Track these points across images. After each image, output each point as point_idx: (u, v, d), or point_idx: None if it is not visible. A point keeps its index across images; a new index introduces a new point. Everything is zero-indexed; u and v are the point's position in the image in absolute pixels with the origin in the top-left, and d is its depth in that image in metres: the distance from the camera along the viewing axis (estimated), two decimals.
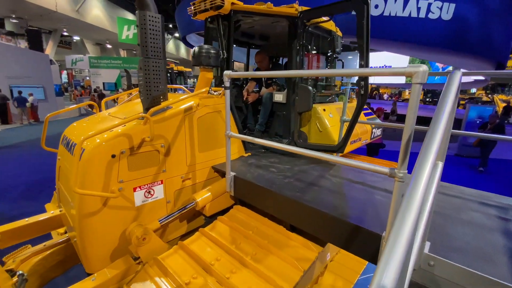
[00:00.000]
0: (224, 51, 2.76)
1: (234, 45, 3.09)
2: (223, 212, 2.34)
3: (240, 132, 2.80)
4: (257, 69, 4.03)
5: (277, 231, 1.99)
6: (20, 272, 2.03)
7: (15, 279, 2.02)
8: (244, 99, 3.62)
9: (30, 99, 12.80)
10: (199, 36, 14.60)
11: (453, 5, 8.18)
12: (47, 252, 2.54)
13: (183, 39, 17.90)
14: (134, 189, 1.96)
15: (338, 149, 2.71)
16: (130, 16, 22.92)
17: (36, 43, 15.34)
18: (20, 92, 12.48)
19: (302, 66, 2.94)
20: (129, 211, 1.96)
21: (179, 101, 2.17)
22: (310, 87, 2.81)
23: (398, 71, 1.17)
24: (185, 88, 4.38)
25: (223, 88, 2.22)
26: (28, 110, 12.91)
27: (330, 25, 3.34)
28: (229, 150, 2.17)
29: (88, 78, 24.78)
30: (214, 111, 2.48)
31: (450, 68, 17.62)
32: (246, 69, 4.74)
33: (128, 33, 19.74)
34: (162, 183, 2.12)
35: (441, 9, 8.20)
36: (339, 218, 1.57)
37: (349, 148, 3.38)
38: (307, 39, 2.95)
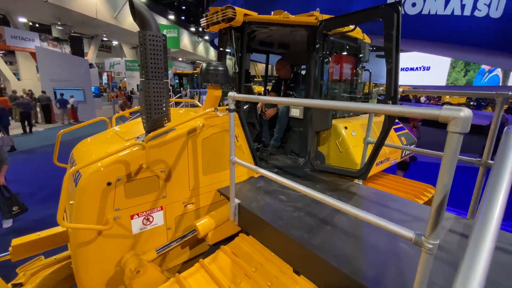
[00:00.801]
0: (236, 65, 2.59)
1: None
2: (229, 237, 2.18)
3: (252, 151, 2.62)
4: (277, 77, 3.82)
5: (283, 271, 1.76)
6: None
7: None
8: (259, 113, 3.42)
9: (70, 100, 13.86)
10: None
11: (503, 1, 7.20)
12: (57, 266, 2.58)
13: (211, 42, 18.25)
14: (132, 217, 1.86)
15: (360, 175, 2.41)
16: (163, 21, 23.93)
17: (77, 49, 16.61)
18: (62, 94, 13.57)
19: (321, 78, 2.67)
20: (125, 239, 1.87)
21: (183, 123, 2.04)
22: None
23: (430, 114, 0.89)
24: (198, 103, 4.31)
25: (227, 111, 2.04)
26: (69, 111, 13.99)
27: (357, 33, 3.02)
28: (233, 176, 1.99)
29: (124, 80, 26.35)
30: (222, 130, 2.32)
31: (499, 70, 15.74)
32: (266, 76, 4.53)
33: None
34: (162, 209, 2.00)
35: (489, 5, 7.26)
36: (351, 278, 1.31)
37: (375, 170, 3.02)
38: (328, 49, 2.67)
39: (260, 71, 20.59)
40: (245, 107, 3.18)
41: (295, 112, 2.95)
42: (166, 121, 1.97)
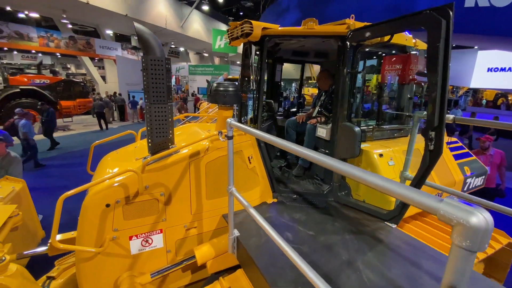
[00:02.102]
0: (254, 82, 2.43)
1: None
2: (234, 267, 2.04)
3: (269, 174, 2.42)
4: (318, 89, 3.49)
5: None
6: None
7: None
8: (300, 121, 3.15)
9: (140, 102, 15.75)
10: None
11: None
12: None
13: None
14: (130, 238, 1.89)
15: (389, 218, 1.97)
16: (223, 27, 25.23)
17: None
18: (133, 96, 15.55)
19: (352, 96, 2.28)
20: (124, 258, 1.90)
21: (187, 146, 1.98)
22: (356, 128, 2.14)
23: (425, 204, 0.58)
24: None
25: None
26: (138, 111, 15.93)
27: (405, 39, 2.51)
28: (231, 206, 1.84)
29: (187, 83, 28.81)
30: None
31: None
32: (300, 85, 4.22)
33: (220, 43, 21.79)
34: (161, 232, 1.99)
35: None
36: None
37: (414, 209, 2.46)
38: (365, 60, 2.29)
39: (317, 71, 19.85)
40: (264, 125, 2.98)
41: (321, 132, 2.62)
42: (170, 145, 1.95)
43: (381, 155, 2.32)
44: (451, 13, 1.49)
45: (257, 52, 2.51)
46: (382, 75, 2.91)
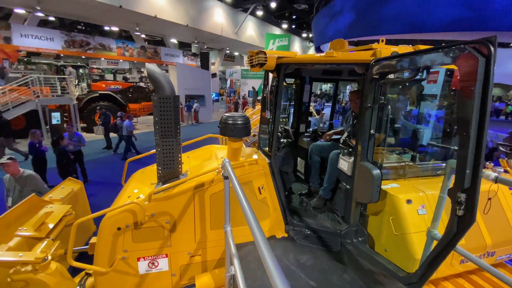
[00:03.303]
0: (269, 110, 2.36)
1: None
2: None
3: (282, 205, 2.33)
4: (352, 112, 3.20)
5: None
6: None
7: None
8: (325, 140, 2.96)
9: (194, 105, 17.02)
10: None
11: None
12: None
13: (317, 49, 17.79)
14: (138, 259, 2.04)
15: (408, 283, 1.68)
16: (277, 31, 25.38)
17: (205, 62, 20.19)
18: (189, 100, 16.86)
19: (375, 130, 2.01)
20: (133, 277, 2.07)
21: (193, 178, 2.04)
22: (375, 171, 1.87)
23: None
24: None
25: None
26: (193, 114, 17.23)
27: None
28: (228, 245, 1.82)
29: (239, 86, 29.92)
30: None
31: None
32: (334, 103, 3.90)
33: (273, 47, 22.02)
34: (167, 256, 2.09)
35: None
36: None
37: (453, 270, 2.04)
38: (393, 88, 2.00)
39: None
40: (280, 153, 2.84)
41: (343, 165, 2.39)
42: (176, 175, 2.04)
43: (409, 201, 1.98)
44: (492, 49, 1.18)
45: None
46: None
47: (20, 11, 14.34)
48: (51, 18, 18.07)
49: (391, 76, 1.87)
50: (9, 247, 2.50)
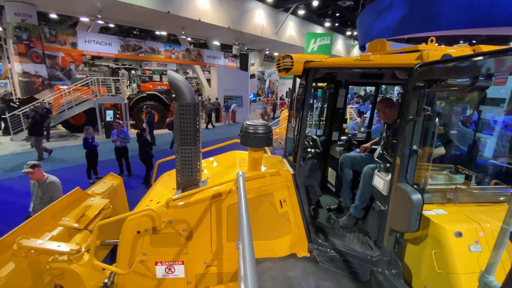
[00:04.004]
0: (295, 118, 2.19)
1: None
2: None
3: (306, 220, 2.15)
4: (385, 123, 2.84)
5: None
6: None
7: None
8: (362, 152, 2.68)
9: (232, 106, 17.39)
10: None
11: None
12: None
13: (362, 48, 16.70)
14: (156, 263, 2.06)
15: None
16: (318, 30, 24.58)
17: (244, 64, 20.50)
18: (226, 100, 17.29)
19: (420, 145, 1.71)
20: (151, 280, 2.10)
21: (210, 187, 1.99)
22: (415, 196, 1.59)
23: None
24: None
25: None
26: (230, 114, 17.62)
27: None
28: (241, 263, 1.72)
29: (277, 86, 29.75)
30: (258, 195, 2.06)
31: None
32: (373, 109, 3.52)
33: (314, 46, 21.41)
34: (183, 263, 2.08)
35: None
36: None
37: None
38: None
39: None
40: (305, 164, 2.62)
41: (378, 183, 2.11)
42: (195, 183, 2.00)
43: (459, 233, 1.64)
44: None
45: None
46: None
47: (84, 19, 16.26)
48: (111, 25, 20.15)
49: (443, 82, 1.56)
50: (52, 235, 2.75)
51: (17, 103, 13.16)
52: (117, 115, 13.64)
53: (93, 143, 7.18)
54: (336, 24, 24.01)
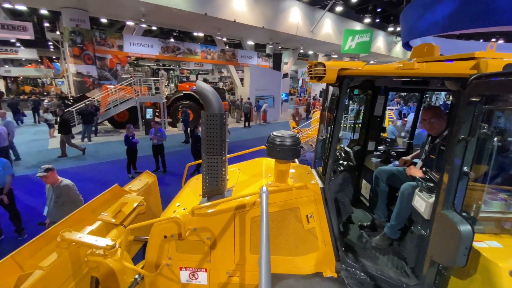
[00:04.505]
0: (325, 127, 2.06)
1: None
2: None
3: (334, 237, 2.02)
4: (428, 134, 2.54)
5: None
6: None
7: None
8: (405, 167, 2.44)
9: (264, 106, 17.38)
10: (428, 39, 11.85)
11: None
12: None
13: (406, 45, 15.46)
14: (180, 268, 2.11)
15: None
16: (357, 26, 23.41)
17: (277, 63, 20.34)
18: (258, 100, 17.33)
19: (473, 166, 1.48)
20: (176, 284, 2.15)
21: (237, 198, 1.96)
22: (464, 228, 1.37)
23: None
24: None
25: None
26: (261, 114, 17.65)
27: None
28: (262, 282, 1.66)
29: (310, 86, 29.01)
30: (283, 209, 1.98)
31: None
32: (416, 118, 3.16)
33: (351, 44, 20.53)
34: (206, 271, 2.09)
35: None
36: None
37: None
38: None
39: None
40: (335, 178, 2.44)
41: (419, 204, 1.89)
42: (220, 193, 2.00)
43: None
44: None
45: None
46: None
47: (130, 23, 17.50)
48: (154, 28, 21.44)
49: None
50: (92, 229, 2.98)
51: (71, 101, 14.70)
52: (156, 113, 14.51)
53: (133, 140, 7.69)
54: (377, 20, 22.58)
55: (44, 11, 16.42)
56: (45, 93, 24.27)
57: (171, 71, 17.30)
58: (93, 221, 3.11)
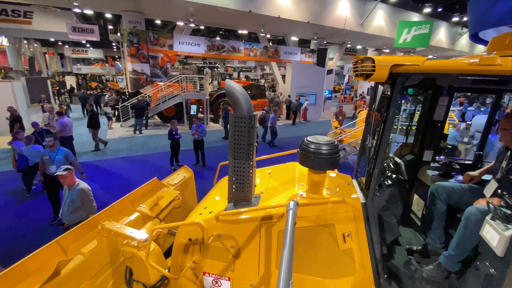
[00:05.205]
0: (371, 134, 1.77)
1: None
2: None
3: (376, 262, 1.75)
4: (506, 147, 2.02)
5: None
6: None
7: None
8: (472, 184, 2.02)
9: (304, 103, 16.83)
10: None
11: None
12: None
13: (473, 37, 13.35)
14: (204, 273, 2.04)
15: None
16: (414, 17, 21.11)
17: (321, 58, 19.47)
18: (299, 98, 16.84)
19: None
20: None
21: (264, 208, 1.81)
22: None
23: None
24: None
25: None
26: (302, 112, 17.13)
27: None
28: None
29: (357, 83, 27.19)
30: (315, 224, 1.76)
31: None
32: (489, 125, 2.54)
33: (407, 37, 18.63)
34: (229, 280, 1.99)
35: None
36: None
37: None
38: None
39: None
40: (380, 195, 2.06)
41: (490, 236, 1.49)
42: (247, 200, 1.86)
43: None
44: None
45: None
46: None
47: (180, 23, 18.49)
48: (202, 27, 22.36)
49: None
50: (129, 220, 3.13)
51: (127, 96, 16.19)
52: (200, 109, 15.15)
53: (176, 135, 8.08)
54: (439, 9, 20.01)
55: (108, 15, 18.35)
56: (107, 89, 27.33)
57: (215, 69, 17.81)
58: (132, 212, 3.27)
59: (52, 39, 25.27)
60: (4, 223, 3.36)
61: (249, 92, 16.22)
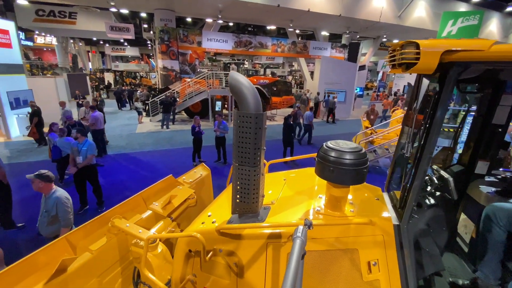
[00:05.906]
0: (410, 141, 1.40)
1: None
2: None
3: None
4: None
5: None
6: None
7: None
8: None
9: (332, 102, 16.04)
10: None
11: None
12: None
13: None
14: None
15: None
16: (461, 8, 19.04)
17: (353, 54, 18.38)
18: (328, 95, 16.07)
19: None
20: None
21: (273, 225, 1.53)
22: None
23: None
24: None
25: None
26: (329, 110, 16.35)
27: None
28: None
29: (392, 80, 25.39)
30: (333, 248, 1.45)
31: None
32: None
33: (452, 29, 16.85)
34: None
35: None
36: None
37: None
38: None
39: None
40: (418, 215, 1.62)
41: None
42: (253, 211, 1.60)
43: None
44: None
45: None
46: None
47: (209, 20, 18.62)
48: (230, 24, 22.37)
49: None
50: (141, 218, 3.04)
51: (157, 92, 16.73)
52: (225, 106, 15.15)
53: (198, 131, 8.07)
54: None
55: (143, 14, 19.09)
56: (139, 85, 28.70)
57: (241, 65, 17.71)
58: (145, 210, 3.17)
59: (94, 38, 27.14)
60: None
61: (274, 89, 15.84)
